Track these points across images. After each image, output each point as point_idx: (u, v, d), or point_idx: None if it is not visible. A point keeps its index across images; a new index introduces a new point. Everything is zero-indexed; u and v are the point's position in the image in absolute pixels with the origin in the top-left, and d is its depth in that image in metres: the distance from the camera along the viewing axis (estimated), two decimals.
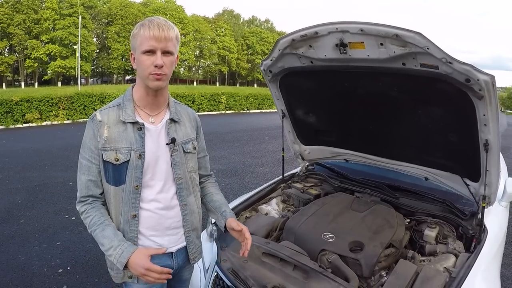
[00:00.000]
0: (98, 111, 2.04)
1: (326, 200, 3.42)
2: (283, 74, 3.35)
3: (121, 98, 2.10)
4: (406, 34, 2.25)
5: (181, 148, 2.16)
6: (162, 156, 2.09)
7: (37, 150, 12.08)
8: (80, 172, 2.02)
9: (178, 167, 2.14)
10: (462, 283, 2.27)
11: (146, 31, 1.88)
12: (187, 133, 2.23)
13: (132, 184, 2.01)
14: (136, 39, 1.93)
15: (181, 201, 2.17)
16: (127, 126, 2.01)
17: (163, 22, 1.94)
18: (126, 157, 1.98)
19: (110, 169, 2.00)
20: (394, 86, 2.81)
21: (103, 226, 1.96)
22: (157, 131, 2.09)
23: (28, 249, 5.30)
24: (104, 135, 1.97)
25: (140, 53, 1.91)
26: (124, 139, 1.99)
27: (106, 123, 1.99)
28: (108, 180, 2.02)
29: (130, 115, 2.02)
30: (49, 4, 58.56)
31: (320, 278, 2.33)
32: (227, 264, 2.59)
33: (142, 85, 2.03)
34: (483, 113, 2.42)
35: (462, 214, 3.08)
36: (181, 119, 2.23)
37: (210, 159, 2.66)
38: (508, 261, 5.24)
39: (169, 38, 1.93)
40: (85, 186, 2.01)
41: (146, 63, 1.91)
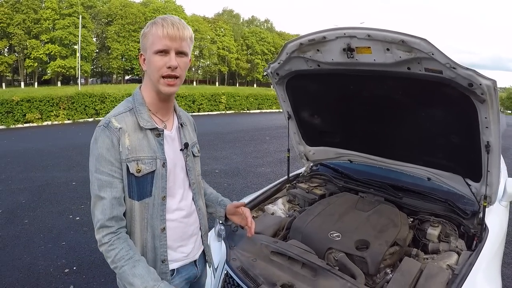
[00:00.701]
0: (113, 117, 1.81)
1: (331, 200, 3.47)
2: (290, 77, 3.40)
3: (130, 102, 1.92)
4: (412, 40, 2.31)
5: (191, 152, 2.11)
6: (178, 163, 2.01)
7: (39, 150, 12.11)
8: (101, 191, 1.73)
9: (191, 172, 2.09)
10: (465, 280, 2.32)
11: (159, 29, 1.75)
12: (191, 137, 2.18)
13: (160, 195, 1.87)
14: (148, 38, 1.80)
15: (196, 206, 2.12)
16: (146, 132, 1.85)
17: (177, 20, 1.81)
18: (151, 167, 1.83)
19: (133, 183, 1.80)
20: (399, 90, 2.87)
21: (133, 262, 1.71)
22: (172, 136, 2.00)
23: (33, 249, 5.33)
24: (127, 144, 1.78)
25: (152, 53, 1.78)
26: (145, 147, 1.83)
27: (126, 130, 1.79)
28: (132, 195, 1.82)
29: (148, 120, 1.87)
30: (49, 3, 58.56)
31: (328, 275, 2.38)
32: (237, 262, 2.63)
33: (152, 88, 1.89)
34: (484, 116, 2.48)
35: (463, 214, 3.14)
36: (185, 123, 2.17)
37: (212, 159, 2.70)
38: (508, 260, 5.31)
39: (184, 37, 1.81)
40: (110, 205, 1.73)
41: (159, 63, 1.78)
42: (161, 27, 1.75)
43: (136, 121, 1.84)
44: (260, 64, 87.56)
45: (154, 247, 1.88)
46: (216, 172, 9.79)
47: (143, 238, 1.86)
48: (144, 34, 1.83)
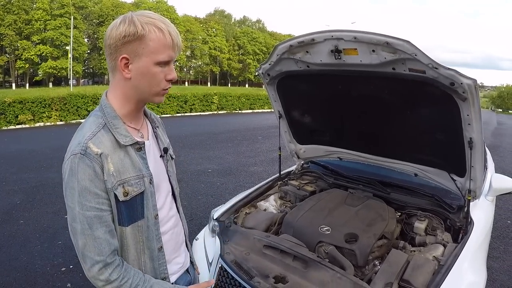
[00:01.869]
0: (89, 140, 1.52)
1: (322, 196, 3.56)
2: (280, 77, 3.48)
3: (99, 117, 1.63)
4: (396, 42, 2.41)
5: (169, 156, 1.95)
6: (160, 171, 1.83)
7: (32, 152, 12.06)
8: (92, 229, 1.50)
9: (172, 177, 1.93)
10: (450, 270, 2.42)
11: (167, 37, 1.53)
12: (165, 138, 1.98)
13: (152, 214, 1.70)
14: (147, 44, 1.51)
15: (180, 212, 1.99)
16: (127, 149, 1.62)
17: (174, 26, 1.60)
18: (139, 187, 1.62)
19: (122, 208, 1.59)
20: (385, 89, 2.97)
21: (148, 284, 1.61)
22: (150, 145, 1.79)
23: (30, 249, 5.34)
24: (111, 170, 1.54)
25: (153, 63, 1.53)
26: (129, 166, 1.61)
27: (107, 154, 1.54)
28: (121, 222, 1.61)
29: (126, 135, 1.63)
30: (40, 4, 57.99)
31: (318, 267, 2.48)
32: (231, 256, 2.72)
33: (134, 99, 1.65)
34: (467, 113, 2.58)
35: (449, 208, 3.23)
36: (157, 125, 1.96)
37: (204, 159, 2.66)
38: (497, 254, 5.41)
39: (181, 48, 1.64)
40: (106, 242, 1.52)
41: (160, 76, 1.58)
42: (168, 35, 1.53)
43: (114, 139, 1.59)
44: (252, 64, 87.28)
45: (153, 267, 1.74)
46: (209, 171, 9.83)
47: (140, 262, 1.70)
48: (139, 36, 1.50)
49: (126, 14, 1.56)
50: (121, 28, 1.51)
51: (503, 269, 5.01)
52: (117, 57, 1.55)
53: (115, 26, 1.53)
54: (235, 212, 3.47)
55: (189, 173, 9.50)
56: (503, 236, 6.16)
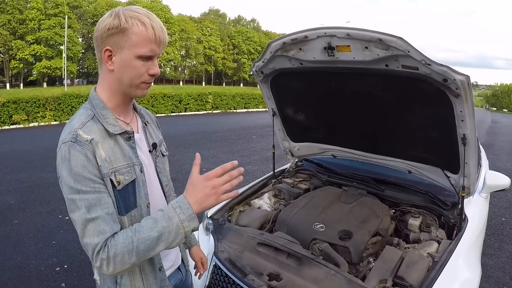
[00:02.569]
0: (79, 129, 1.53)
1: (316, 193, 3.57)
2: (274, 75, 3.48)
3: (88, 109, 1.65)
4: (389, 38, 2.41)
5: (160, 152, 1.93)
6: (149, 166, 1.81)
7: (26, 152, 12.00)
8: (90, 211, 1.46)
9: (162, 173, 1.90)
10: (444, 267, 2.43)
11: (149, 31, 1.52)
12: (157, 135, 1.99)
13: (145, 203, 1.68)
14: (129, 37, 1.52)
15: None
16: (117, 138, 1.63)
17: (160, 22, 1.60)
18: (130, 175, 1.62)
19: (118, 197, 1.58)
20: (378, 86, 2.97)
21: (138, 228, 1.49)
22: (140, 139, 1.81)
23: (24, 249, 5.32)
24: (103, 156, 1.53)
25: (134, 57, 1.54)
26: (119, 155, 1.61)
27: (98, 141, 1.55)
28: (120, 211, 1.59)
29: (115, 124, 1.64)
30: (35, 4, 57.68)
31: (312, 264, 2.48)
32: (224, 254, 2.72)
33: (119, 91, 1.66)
34: (460, 109, 2.59)
35: (443, 205, 3.24)
36: (148, 121, 1.96)
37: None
38: (491, 251, 5.44)
39: (166, 43, 1.64)
40: (107, 222, 1.47)
41: (141, 70, 1.57)
42: (151, 29, 1.53)
43: (103, 128, 1.60)
44: (246, 63, 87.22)
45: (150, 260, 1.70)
46: (203, 171, 9.64)
47: None
48: (122, 29, 1.51)
49: (115, 9, 1.57)
50: (107, 21, 1.53)
51: (498, 266, 5.04)
52: (102, 49, 1.57)
53: (103, 19, 1.55)
54: (229, 210, 3.48)
55: (184, 172, 9.47)
56: (497, 233, 6.19)
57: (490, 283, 4.61)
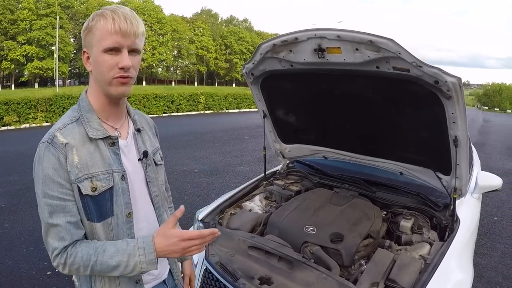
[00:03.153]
0: (57, 131, 1.55)
1: (307, 195, 3.55)
2: (264, 77, 3.46)
3: (75, 110, 1.66)
4: (380, 40, 2.39)
5: (152, 161, 1.86)
6: (137, 175, 1.75)
7: (18, 154, 11.93)
8: (52, 216, 1.49)
9: (153, 183, 1.83)
10: (436, 269, 2.42)
11: (109, 23, 1.50)
12: (153, 143, 1.93)
13: (124, 212, 1.64)
14: (94, 33, 1.52)
15: (160, 222, 1.86)
16: (98, 143, 1.60)
17: (129, 13, 1.58)
18: (108, 183, 1.58)
19: (90, 203, 1.56)
20: (369, 88, 2.96)
21: (101, 248, 1.52)
22: (127, 146, 1.74)
23: (15, 253, 5.28)
24: (76, 161, 1.52)
25: (101, 52, 1.52)
26: (98, 161, 1.58)
27: (74, 145, 1.54)
28: (90, 217, 1.57)
29: (98, 129, 1.61)
30: (26, 4, 57.53)
31: (303, 268, 2.47)
32: (215, 258, 2.70)
33: (101, 92, 1.64)
34: (451, 111, 2.58)
35: (435, 206, 3.23)
36: (144, 127, 1.91)
37: (191, 159, 2.58)
38: (483, 250, 5.46)
39: (137, 33, 1.57)
40: (67, 231, 1.50)
41: (109, 63, 1.53)
42: (111, 21, 1.50)
43: (84, 132, 1.59)
44: (238, 63, 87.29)
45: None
46: (195, 171, 9.80)
47: None
48: (89, 28, 1.54)
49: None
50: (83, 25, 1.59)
51: (490, 266, 5.05)
52: (82, 52, 1.62)
53: None
54: (220, 213, 3.45)
55: (176, 174, 9.47)
56: (489, 232, 6.22)
57: (482, 282, 4.62)
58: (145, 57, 69.99)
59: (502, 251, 5.53)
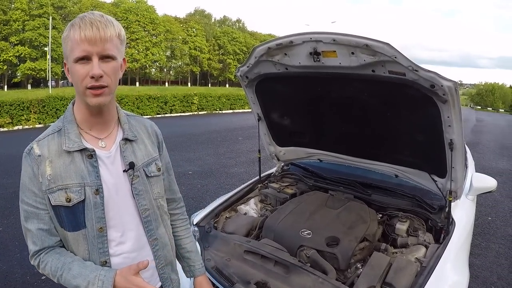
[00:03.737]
0: (35, 142, 1.60)
1: (302, 198, 3.55)
2: (259, 80, 3.45)
3: (61, 121, 1.66)
4: (375, 44, 2.39)
5: (142, 172, 1.76)
6: (121, 187, 1.69)
7: (10, 156, 11.80)
8: (27, 222, 1.58)
9: (142, 196, 1.74)
10: (432, 272, 2.42)
11: (76, 32, 1.45)
12: (148, 153, 1.83)
13: (95, 226, 1.60)
14: (67, 44, 1.50)
15: (150, 236, 1.78)
16: (74, 156, 1.58)
17: (97, 18, 1.50)
18: (79, 196, 1.56)
19: (62, 213, 1.57)
20: (365, 91, 2.96)
21: (68, 266, 1.55)
22: (110, 157, 1.67)
23: (9, 257, 5.23)
24: (47, 173, 1.54)
25: (72, 62, 1.48)
26: (72, 173, 1.56)
27: (47, 157, 1.56)
28: (63, 225, 1.59)
29: (75, 141, 1.59)
30: (19, 4, 57.19)
31: (300, 272, 2.46)
32: (211, 263, 2.69)
33: (81, 102, 1.61)
34: (447, 115, 2.58)
35: (431, 208, 3.23)
36: (138, 136, 1.82)
37: (185, 160, 2.54)
38: (478, 251, 5.47)
39: (107, 38, 1.49)
40: (38, 237, 1.58)
41: (80, 73, 1.48)
42: (78, 29, 1.45)
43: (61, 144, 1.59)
44: (232, 64, 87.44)
45: None
46: (189, 173, 9.76)
47: None
48: (63, 39, 1.53)
49: None
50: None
51: (485, 266, 5.07)
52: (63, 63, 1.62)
53: None
54: (215, 217, 3.44)
55: None
56: (484, 232, 6.23)
57: (477, 283, 4.64)
58: (139, 58, 69.92)
59: (496, 251, 5.55)
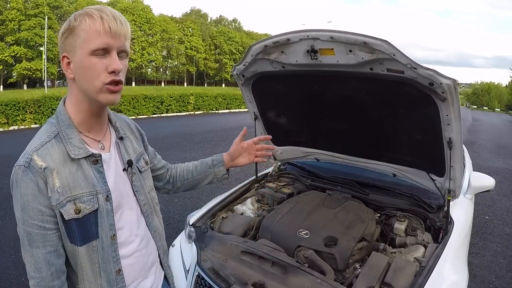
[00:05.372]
0: (34, 152, 1.43)
1: (299, 198, 3.52)
2: (255, 78, 3.41)
3: (53, 125, 1.53)
4: (374, 41, 2.36)
5: (137, 169, 1.78)
6: (123, 187, 1.68)
7: (6, 156, 11.78)
8: (32, 247, 1.43)
9: (140, 192, 1.77)
10: (432, 272, 2.40)
11: (97, 23, 1.38)
12: (135, 148, 1.83)
13: (108, 235, 1.56)
14: (78, 35, 1.40)
15: (151, 229, 1.82)
16: (80, 162, 1.50)
17: (118, 13, 1.46)
18: (92, 205, 1.49)
19: (74, 227, 1.47)
20: (363, 89, 2.92)
21: None
22: (111, 158, 1.64)
23: (4, 259, 5.21)
24: (56, 186, 1.43)
25: (87, 54, 1.40)
26: (81, 181, 1.48)
27: (54, 168, 1.43)
28: (74, 240, 1.50)
29: (79, 147, 1.50)
30: (14, 4, 57.16)
31: (298, 272, 2.43)
32: (208, 263, 2.65)
33: (85, 101, 1.51)
34: (446, 113, 2.55)
35: (429, 207, 3.22)
36: (126, 133, 1.82)
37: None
38: (476, 250, 5.49)
39: (127, 34, 1.48)
40: (45, 262, 1.44)
41: (98, 67, 1.41)
42: (100, 20, 1.39)
43: (65, 151, 1.48)
44: (228, 63, 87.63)
45: None
46: None
47: (97, 284, 1.57)
48: (71, 29, 1.41)
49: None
50: (62, 27, 1.46)
51: (483, 265, 5.08)
52: (61, 57, 1.49)
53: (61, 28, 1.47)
54: (212, 217, 3.41)
55: None
56: (482, 231, 6.25)
57: (475, 282, 4.65)
58: (135, 58, 69.88)
59: (494, 250, 5.56)
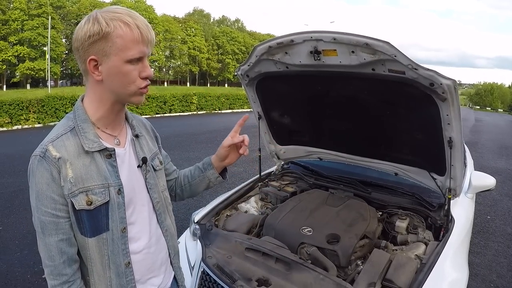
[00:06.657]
0: (49, 143, 1.47)
1: (302, 196, 3.56)
2: (259, 79, 3.45)
3: (70, 119, 1.56)
4: (376, 43, 2.40)
5: (151, 167, 1.78)
6: (137, 183, 1.70)
7: (10, 156, 11.80)
8: (45, 234, 1.46)
9: (153, 190, 1.77)
10: (432, 269, 2.44)
11: (134, 31, 1.43)
12: (150, 148, 1.85)
13: (119, 227, 1.58)
14: (113, 41, 1.41)
15: (163, 228, 1.82)
16: (94, 155, 1.53)
17: (144, 19, 1.51)
18: (103, 197, 1.52)
19: (84, 218, 1.50)
20: (365, 90, 2.97)
21: None
22: (126, 154, 1.67)
23: (9, 256, 5.23)
24: (69, 176, 1.45)
25: (123, 62, 1.44)
26: (94, 174, 1.51)
27: (67, 159, 1.46)
28: (84, 232, 1.52)
29: (94, 140, 1.53)
30: (18, 4, 57.08)
31: (301, 269, 2.48)
32: (212, 260, 2.70)
33: (109, 101, 1.55)
34: (446, 113, 2.59)
35: (430, 206, 3.25)
36: (142, 132, 1.84)
37: (184, 160, 2.56)
38: (477, 249, 5.49)
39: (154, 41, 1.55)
40: (58, 250, 1.47)
41: (134, 74, 1.48)
42: (136, 29, 1.43)
43: (80, 144, 1.51)
44: (231, 64, 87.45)
45: (120, 284, 1.61)
46: None
47: (106, 277, 1.58)
48: (105, 33, 1.41)
49: (91, 13, 1.47)
50: (85, 28, 1.42)
51: (484, 264, 5.09)
52: (85, 59, 1.46)
53: (80, 27, 1.44)
54: (216, 215, 3.45)
55: None
56: (483, 231, 6.26)
57: (477, 281, 4.66)
58: None
59: (495, 249, 5.58)
